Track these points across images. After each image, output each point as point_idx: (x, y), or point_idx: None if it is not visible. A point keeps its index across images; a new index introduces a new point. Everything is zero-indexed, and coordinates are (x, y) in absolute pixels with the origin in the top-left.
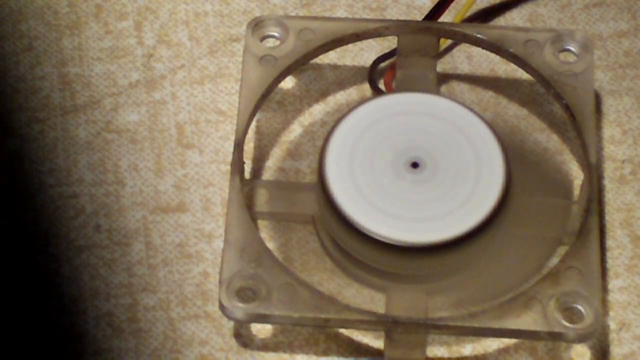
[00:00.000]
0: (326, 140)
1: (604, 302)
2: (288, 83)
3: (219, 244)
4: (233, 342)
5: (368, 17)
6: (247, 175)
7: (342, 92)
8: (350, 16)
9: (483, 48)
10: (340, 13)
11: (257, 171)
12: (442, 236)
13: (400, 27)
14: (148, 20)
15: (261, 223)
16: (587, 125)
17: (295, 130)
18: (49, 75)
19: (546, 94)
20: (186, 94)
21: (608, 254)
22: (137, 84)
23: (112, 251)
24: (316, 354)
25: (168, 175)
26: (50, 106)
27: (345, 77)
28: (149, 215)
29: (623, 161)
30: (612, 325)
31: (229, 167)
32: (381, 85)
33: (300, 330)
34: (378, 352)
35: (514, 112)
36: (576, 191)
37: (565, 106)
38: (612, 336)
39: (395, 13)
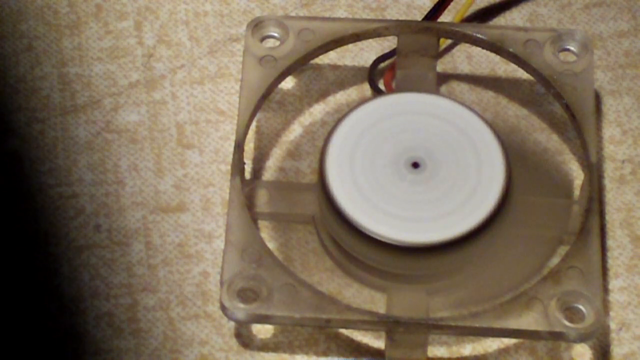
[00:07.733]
0: (326, 140)
1: (604, 302)
2: (288, 83)
3: (219, 244)
4: (233, 342)
5: (368, 17)
6: (247, 175)
7: (342, 92)
8: (350, 16)
9: (483, 48)
10: (340, 13)
11: (257, 171)
12: (442, 236)
13: (400, 27)
14: (148, 20)
15: (261, 223)
16: (587, 125)
17: (295, 130)
18: (49, 75)
19: (546, 94)
20: (186, 94)
21: (608, 254)
22: (137, 84)
23: (112, 251)
24: (316, 354)
25: (168, 175)
26: (50, 106)
27: (345, 77)
28: (149, 215)
29: (623, 161)
30: (612, 325)
31: (229, 167)
32: (381, 85)
33: (300, 330)
34: (378, 352)
35: (514, 112)
36: (576, 191)
37: (565, 106)
38: (612, 336)
39: (395, 13)
